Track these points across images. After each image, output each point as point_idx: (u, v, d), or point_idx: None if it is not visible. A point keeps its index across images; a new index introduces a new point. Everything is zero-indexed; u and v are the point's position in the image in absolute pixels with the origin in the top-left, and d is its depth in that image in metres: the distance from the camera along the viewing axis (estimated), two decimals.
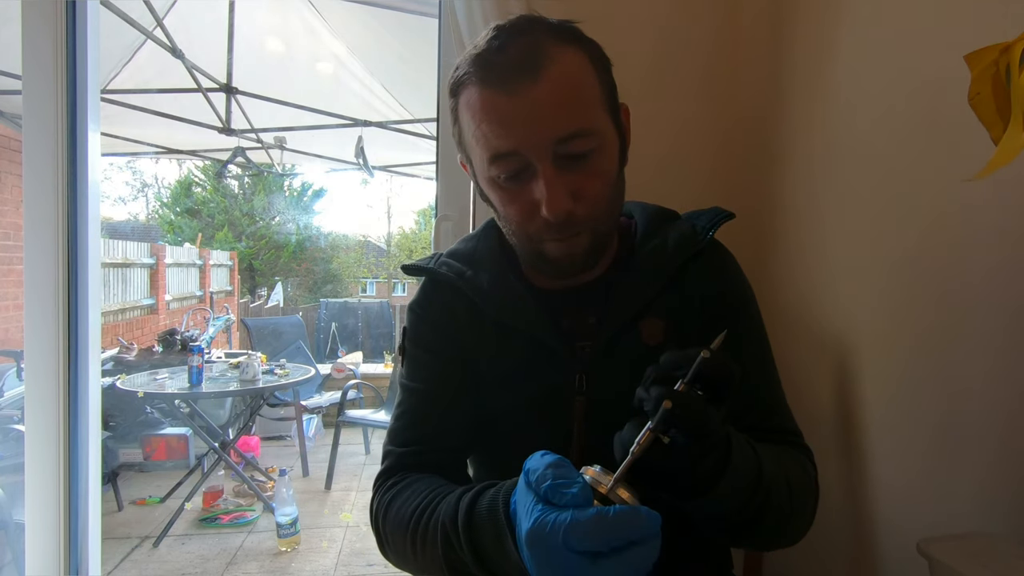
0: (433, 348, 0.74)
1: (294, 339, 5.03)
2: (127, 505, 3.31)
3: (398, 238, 17.68)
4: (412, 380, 0.74)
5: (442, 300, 0.75)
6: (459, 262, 0.75)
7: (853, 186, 1.00)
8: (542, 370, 0.69)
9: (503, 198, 0.65)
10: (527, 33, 0.61)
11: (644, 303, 0.69)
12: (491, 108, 0.60)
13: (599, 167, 0.63)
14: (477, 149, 0.63)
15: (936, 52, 0.83)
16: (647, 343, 0.68)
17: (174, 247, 8.72)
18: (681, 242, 0.71)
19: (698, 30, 1.28)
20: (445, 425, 0.72)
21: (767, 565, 1.03)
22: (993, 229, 0.75)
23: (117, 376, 3.47)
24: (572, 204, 0.61)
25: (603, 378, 0.68)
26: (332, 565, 2.71)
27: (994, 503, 0.76)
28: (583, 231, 0.64)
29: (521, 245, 0.68)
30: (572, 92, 0.60)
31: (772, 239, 1.22)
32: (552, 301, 0.72)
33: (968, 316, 0.78)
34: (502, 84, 0.59)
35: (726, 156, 1.30)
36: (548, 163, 0.60)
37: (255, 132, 3.83)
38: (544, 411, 0.69)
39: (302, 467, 3.88)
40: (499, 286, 0.71)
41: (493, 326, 0.71)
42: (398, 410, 0.75)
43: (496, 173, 0.63)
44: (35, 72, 1.18)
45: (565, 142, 0.60)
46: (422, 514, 0.60)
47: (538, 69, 0.58)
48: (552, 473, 0.46)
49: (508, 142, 0.60)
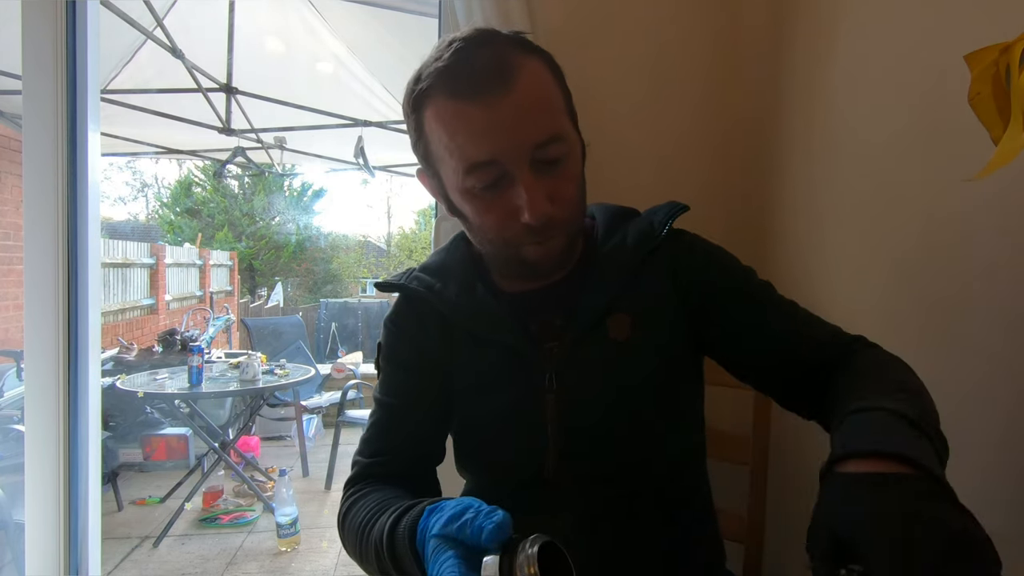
0: (405, 363, 0.76)
1: (294, 339, 5.03)
2: (127, 505, 3.31)
3: (398, 238, 17.69)
4: (384, 394, 0.77)
5: (414, 314, 0.77)
6: (430, 276, 0.77)
7: (853, 186, 1.00)
8: (514, 374, 0.70)
9: (479, 207, 0.66)
10: (490, 44, 0.61)
11: (608, 300, 0.70)
12: (466, 119, 0.61)
13: (571, 171, 0.65)
14: (450, 161, 0.64)
15: (936, 52, 0.83)
16: (615, 338, 0.69)
17: (174, 247, 8.71)
18: (640, 238, 0.73)
19: (698, 32, 1.28)
20: (412, 436, 0.74)
21: (767, 565, 1.03)
22: (993, 229, 0.75)
23: (117, 376, 3.46)
24: (551, 208, 0.63)
25: (572, 376, 0.69)
26: (332, 565, 2.71)
27: (993, 504, 0.76)
28: (560, 233, 0.66)
29: (498, 252, 0.69)
30: (542, 99, 0.62)
31: (771, 239, 1.22)
32: (520, 305, 0.73)
33: (968, 317, 0.78)
34: (474, 95, 0.60)
35: (726, 157, 1.30)
36: (526, 170, 0.61)
37: (255, 132, 3.83)
38: (518, 414, 0.70)
39: (302, 467, 3.88)
40: (467, 296, 0.73)
41: (464, 335, 0.73)
42: (369, 421, 0.77)
43: (472, 183, 0.63)
44: (35, 72, 1.18)
45: (541, 148, 0.61)
46: (365, 528, 0.62)
47: (509, 78, 0.59)
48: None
49: (485, 152, 0.61)
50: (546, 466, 0.69)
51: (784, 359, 0.68)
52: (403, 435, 0.74)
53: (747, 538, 1.00)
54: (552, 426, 0.69)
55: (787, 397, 0.71)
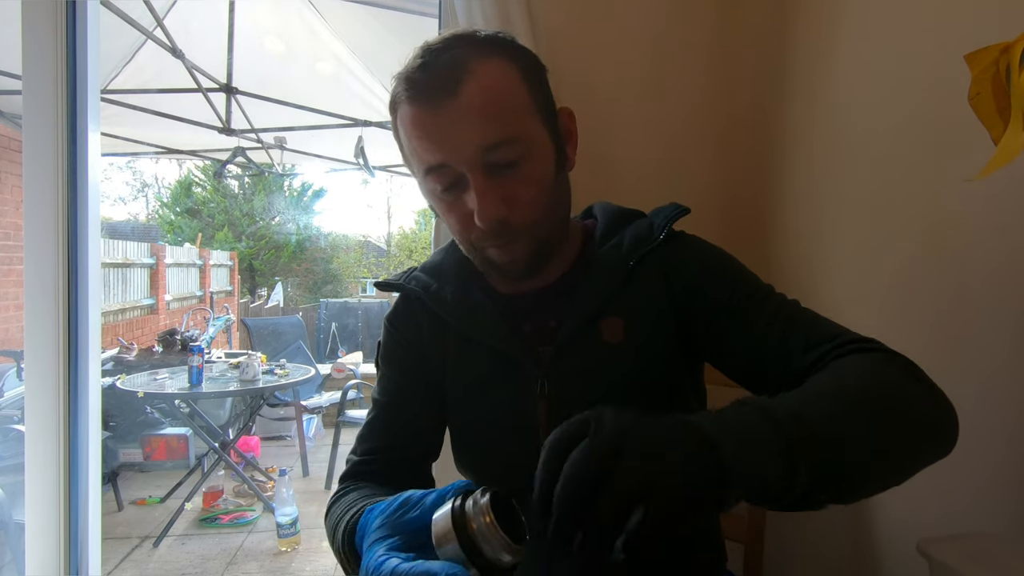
0: (400, 364, 0.77)
1: (294, 339, 5.03)
2: (127, 505, 3.31)
3: (398, 238, 17.68)
4: (379, 394, 0.78)
5: (412, 315, 0.77)
6: (427, 275, 0.77)
7: (853, 187, 1.00)
8: (505, 377, 0.71)
9: (443, 209, 0.67)
10: (450, 49, 0.62)
11: (601, 303, 0.69)
12: (419, 124, 0.62)
13: (530, 174, 0.64)
14: (414, 163, 0.66)
15: (936, 52, 0.83)
16: (608, 342, 0.69)
17: (174, 247, 8.72)
18: (635, 242, 0.72)
19: (698, 28, 1.28)
20: (403, 434, 0.76)
21: (767, 565, 1.03)
22: (994, 229, 0.75)
23: (117, 376, 3.46)
24: (506, 211, 0.63)
25: (564, 380, 0.69)
26: (332, 565, 2.71)
27: (994, 503, 0.76)
28: (521, 237, 0.65)
29: (469, 253, 0.70)
30: (493, 102, 0.61)
31: (771, 237, 1.22)
32: (514, 307, 0.73)
33: (969, 316, 0.78)
34: (426, 101, 0.61)
35: (726, 154, 1.30)
36: (478, 173, 0.62)
37: (255, 132, 3.83)
38: (510, 418, 0.70)
39: (302, 467, 3.88)
40: (461, 298, 0.74)
41: (458, 338, 0.73)
42: (365, 420, 0.79)
43: (432, 186, 0.65)
44: (35, 72, 1.18)
45: (491, 151, 0.61)
46: (336, 528, 0.63)
47: (458, 84, 0.60)
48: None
49: (437, 156, 0.62)
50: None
51: (773, 364, 0.63)
52: (394, 433, 0.75)
53: (747, 538, 1.00)
54: (544, 431, 0.68)
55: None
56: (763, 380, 0.65)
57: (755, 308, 0.66)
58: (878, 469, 0.47)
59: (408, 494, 0.50)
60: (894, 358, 0.56)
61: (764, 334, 0.64)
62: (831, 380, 0.52)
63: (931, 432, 0.51)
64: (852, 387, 0.50)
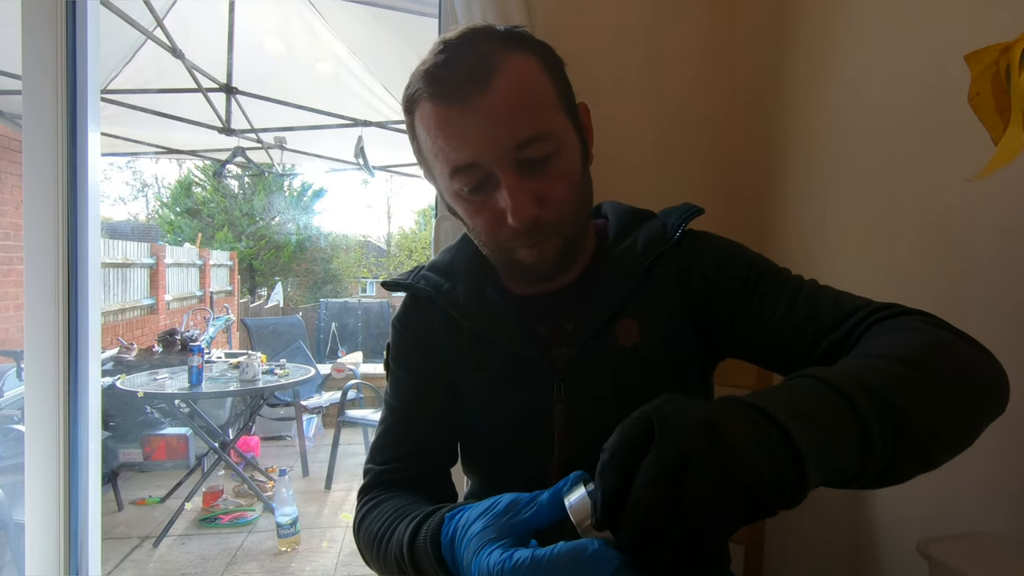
0: (414, 366, 0.75)
1: (294, 339, 5.03)
2: (127, 505, 3.32)
3: (398, 238, 17.68)
4: (393, 399, 0.75)
5: (422, 315, 0.75)
6: (437, 275, 0.75)
7: (853, 186, 1.00)
8: (521, 380, 0.69)
9: (469, 210, 0.65)
10: (473, 43, 0.60)
11: (617, 305, 0.68)
12: (445, 122, 0.60)
13: (561, 170, 0.63)
14: (437, 164, 0.63)
15: (936, 52, 0.83)
16: (624, 344, 0.67)
17: (174, 247, 8.71)
18: (650, 242, 0.70)
19: (697, 18, 1.28)
20: (424, 442, 0.73)
21: (767, 565, 1.03)
22: (994, 228, 0.75)
23: (117, 376, 3.47)
24: (538, 209, 0.61)
25: (581, 384, 0.68)
26: (332, 565, 2.71)
27: (994, 503, 0.76)
28: (552, 235, 0.64)
29: (494, 255, 0.68)
30: (524, 97, 0.60)
31: (771, 237, 1.22)
32: (529, 308, 0.72)
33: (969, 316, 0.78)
34: (453, 97, 0.59)
35: (725, 144, 1.30)
36: (509, 171, 0.60)
37: (255, 132, 3.83)
38: (525, 421, 0.69)
39: (302, 467, 3.88)
40: (475, 298, 0.72)
41: (471, 338, 0.71)
42: (380, 427, 0.76)
43: (459, 186, 0.63)
44: (35, 72, 1.18)
45: (524, 148, 0.59)
46: (383, 537, 0.61)
47: (487, 78, 0.58)
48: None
49: (466, 154, 0.60)
50: (551, 474, 0.68)
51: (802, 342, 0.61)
52: (412, 440, 0.73)
53: (747, 538, 1.00)
54: (560, 434, 0.68)
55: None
56: (792, 361, 0.64)
57: (776, 290, 0.65)
58: (949, 429, 0.45)
59: (511, 496, 0.48)
60: (931, 318, 0.55)
61: (788, 313, 0.62)
62: (884, 342, 0.51)
63: (990, 388, 0.50)
64: (911, 348, 0.49)
